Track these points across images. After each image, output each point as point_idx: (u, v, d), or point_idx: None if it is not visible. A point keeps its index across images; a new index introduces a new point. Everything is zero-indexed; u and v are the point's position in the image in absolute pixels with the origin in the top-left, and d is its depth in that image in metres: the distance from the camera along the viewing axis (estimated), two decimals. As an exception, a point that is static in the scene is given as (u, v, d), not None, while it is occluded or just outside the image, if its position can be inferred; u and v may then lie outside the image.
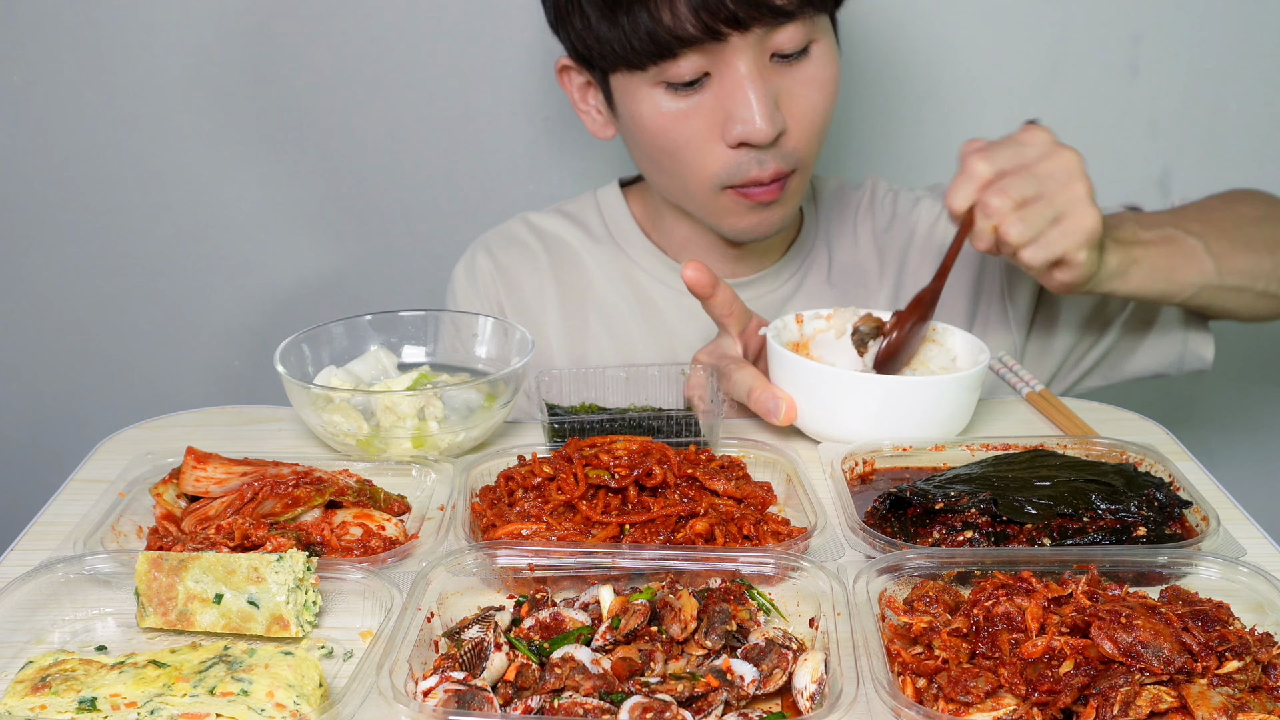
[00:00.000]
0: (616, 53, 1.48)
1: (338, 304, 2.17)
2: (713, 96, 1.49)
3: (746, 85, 1.46)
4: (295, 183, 2.15)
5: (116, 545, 1.19)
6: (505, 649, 0.98)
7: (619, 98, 1.56)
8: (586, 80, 1.64)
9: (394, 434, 1.35)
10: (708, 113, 1.50)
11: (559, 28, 1.58)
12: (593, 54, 1.53)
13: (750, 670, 0.96)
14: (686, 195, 1.61)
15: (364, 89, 2.08)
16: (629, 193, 1.84)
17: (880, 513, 1.22)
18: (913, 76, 2.07)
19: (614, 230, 1.81)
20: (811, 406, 1.39)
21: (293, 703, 0.92)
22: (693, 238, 1.74)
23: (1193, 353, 1.72)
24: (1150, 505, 1.17)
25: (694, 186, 1.57)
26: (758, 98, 1.46)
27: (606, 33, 1.47)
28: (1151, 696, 0.89)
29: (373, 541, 1.18)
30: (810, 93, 1.52)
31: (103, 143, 2.12)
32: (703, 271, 1.40)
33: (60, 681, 0.94)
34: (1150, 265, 1.49)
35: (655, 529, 1.17)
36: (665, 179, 1.61)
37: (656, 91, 1.51)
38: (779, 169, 1.53)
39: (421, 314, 1.60)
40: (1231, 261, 1.53)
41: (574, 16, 1.51)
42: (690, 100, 1.50)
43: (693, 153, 1.53)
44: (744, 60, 1.46)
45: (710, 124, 1.50)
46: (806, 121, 1.53)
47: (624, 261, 1.79)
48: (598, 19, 1.47)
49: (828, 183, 1.86)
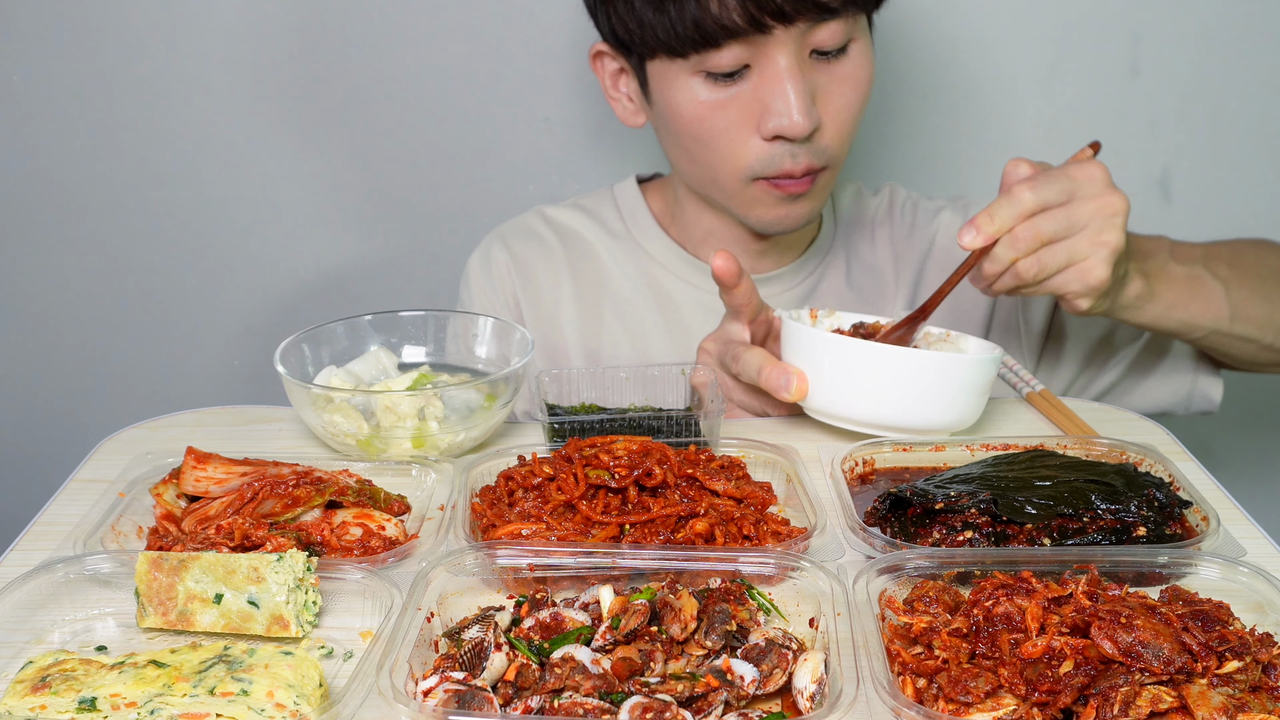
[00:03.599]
0: (659, 39, 1.48)
1: (338, 304, 2.17)
2: (751, 88, 1.50)
3: (785, 80, 1.47)
4: (295, 183, 2.15)
5: (116, 545, 1.19)
6: (505, 649, 0.98)
7: (655, 85, 1.57)
8: (620, 67, 1.64)
9: (394, 434, 1.35)
10: (745, 104, 1.51)
11: (598, 10, 1.58)
12: (633, 39, 1.53)
13: (750, 670, 0.96)
14: (716, 185, 1.61)
15: (364, 89, 2.08)
16: (646, 189, 1.85)
17: (880, 513, 1.22)
18: (913, 76, 2.07)
19: (631, 226, 1.81)
20: (822, 380, 1.38)
21: (293, 703, 0.92)
22: (715, 231, 1.74)
23: (1201, 393, 1.72)
24: (1150, 505, 1.17)
25: (725, 176, 1.58)
26: (796, 93, 1.47)
27: (651, 18, 1.48)
28: (1151, 696, 0.89)
29: (373, 541, 1.18)
30: (846, 91, 1.54)
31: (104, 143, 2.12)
32: (731, 261, 1.39)
33: (60, 681, 0.94)
34: (1168, 301, 1.49)
35: (655, 529, 1.17)
36: (695, 168, 1.62)
37: (695, 80, 1.51)
38: (811, 164, 1.54)
39: (421, 314, 1.60)
40: (1248, 310, 1.54)
41: (618, 1, 1.51)
42: (728, 91, 1.51)
43: (726, 143, 1.54)
44: (784, 54, 1.47)
45: (746, 115, 1.51)
46: (841, 119, 1.54)
47: (641, 256, 1.80)
48: (643, 4, 1.48)
49: (845, 187, 1.86)
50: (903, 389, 1.34)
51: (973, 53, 2.06)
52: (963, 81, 2.07)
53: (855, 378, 1.35)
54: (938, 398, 1.35)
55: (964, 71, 2.07)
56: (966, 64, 2.06)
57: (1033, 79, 2.07)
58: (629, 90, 1.66)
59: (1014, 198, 1.35)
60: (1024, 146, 2.09)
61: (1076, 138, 2.09)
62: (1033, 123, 2.09)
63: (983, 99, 2.08)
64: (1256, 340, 1.57)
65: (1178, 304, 1.50)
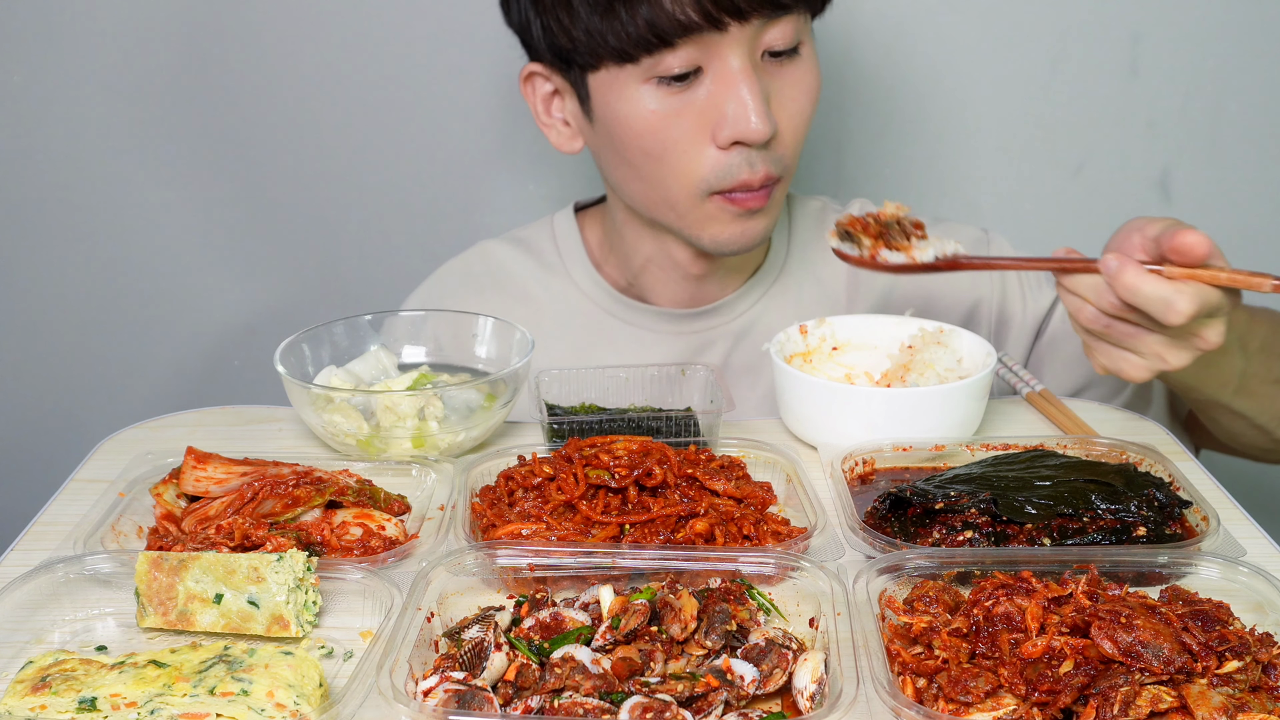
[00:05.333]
0: (608, 45, 1.42)
1: (338, 304, 2.17)
2: (705, 95, 1.45)
3: (741, 82, 1.43)
4: (295, 182, 2.15)
5: (116, 545, 1.19)
6: (505, 649, 0.98)
7: (600, 98, 1.50)
8: (554, 89, 1.57)
9: (394, 434, 1.35)
10: (699, 112, 1.46)
11: (530, 27, 1.51)
12: (577, 49, 1.46)
13: (750, 670, 0.96)
14: (667, 204, 1.53)
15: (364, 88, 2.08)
16: (586, 217, 1.78)
17: (880, 513, 1.22)
18: (913, 76, 2.07)
19: (566, 259, 1.75)
20: (818, 420, 1.39)
21: (293, 703, 0.92)
22: (655, 258, 1.66)
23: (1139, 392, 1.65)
24: (1150, 505, 1.17)
25: (678, 192, 1.51)
26: (752, 94, 1.43)
27: (598, 24, 1.42)
28: (1151, 696, 0.89)
29: (373, 541, 1.18)
30: (799, 95, 1.50)
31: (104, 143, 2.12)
32: None
33: (60, 681, 0.94)
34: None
35: (655, 529, 1.17)
36: (644, 186, 1.54)
37: (645, 89, 1.45)
38: (769, 172, 1.49)
39: (421, 314, 1.60)
40: (1253, 388, 1.46)
41: (558, 10, 1.45)
42: (680, 99, 1.46)
43: (680, 154, 1.48)
44: (738, 55, 1.43)
45: (701, 124, 1.46)
46: (795, 125, 1.50)
47: (573, 292, 1.74)
48: (589, 11, 1.42)
49: (808, 204, 1.79)
50: (905, 423, 1.35)
51: (973, 53, 2.06)
52: (963, 82, 2.07)
53: (852, 417, 1.36)
54: (939, 423, 1.36)
55: (964, 72, 2.07)
56: (966, 64, 2.06)
57: (1033, 79, 2.07)
58: (565, 113, 1.59)
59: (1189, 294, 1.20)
60: (1024, 146, 2.09)
61: (1076, 138, 2.09)
62: (1033, 123, 2.09)
63: (983, 99, 2.08)
64: (1250, 419, 1.50)
65: (1190, 370, 1.35)
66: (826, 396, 1.37)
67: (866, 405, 1.36)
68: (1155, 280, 1.21)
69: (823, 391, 1.38)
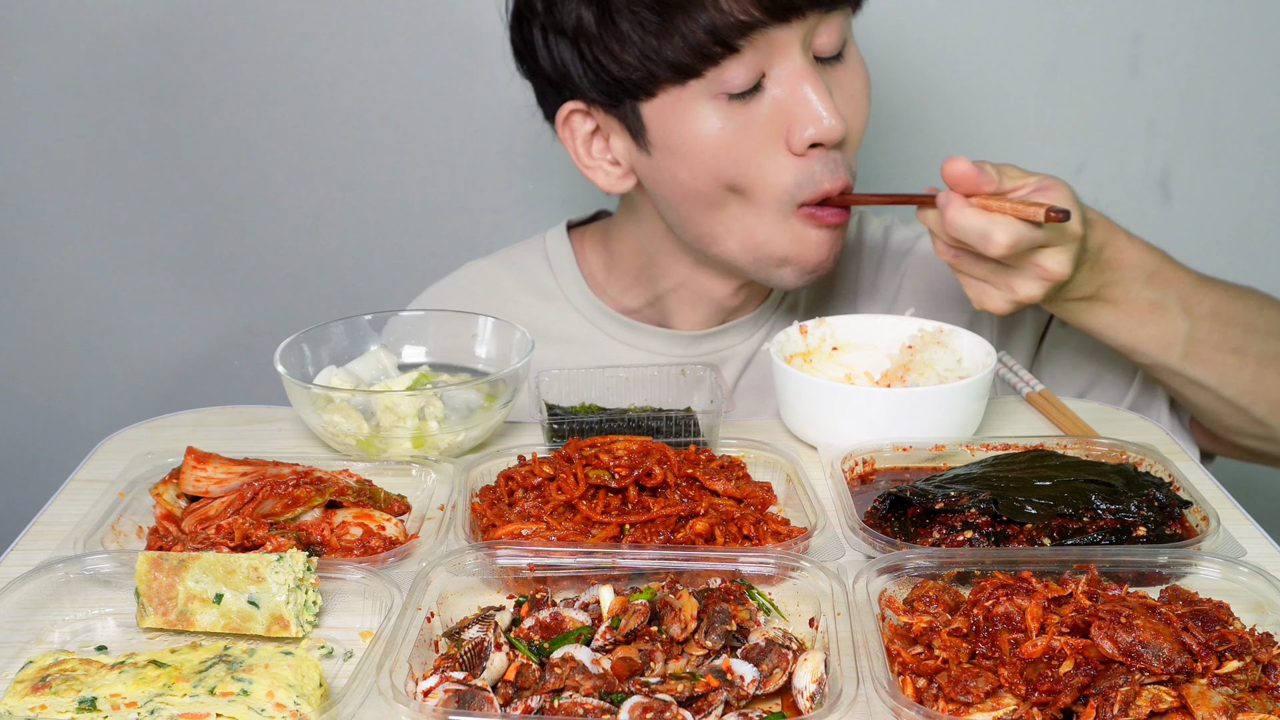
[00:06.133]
0: (667, 62, 1.39)
1: (338, 304, 2.17)
2: (771, 103, 1.43)
3: (806, 80, 1.41)
4: (296, 182, 2.15)
5: (116, 545, 1.19)
6: (505, 649, 0.98)
7: (659, 127, 1.45)
8: (595, 126, 1.53)
9: (394, 434, 1.35)
10: (768, 120, 1.43)
11: (570, 66, 1.46)
12: (630, 77, 1.42)
13: (750, 670, 0.96)
14: (749, 239, 1.49)
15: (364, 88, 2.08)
16: (582, 234, 1.75)
17: (880, 513, 1.22)
18: (913, 76, 2.07)
19: (561, 280, 1.72)
20: (818, 420, 1.39)
21: (293, 703, 0.92)
22: (688, 283, 1.63)
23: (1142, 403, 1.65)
24: (1150, 505, 1.17)
25: (766, 213, 1.47)
26: (818, 91, 1.41)
27: (654, 44, 1.38)
28: (1151, 696, 0.89)
29: (373, 541, 1.18)
30: (856, 94, 1.49)
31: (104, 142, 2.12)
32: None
33: (60, 681, 0.94)
34: (1113, 318, 1.45)
35: (655, 529, 1.17)
36: (725, 220, 1.49)
37: (710, 107, 1.42)
38: (847, 180, 1.47)
39: (421, 314, 1.60)
40: (1205, 355, 1.47)
41: (606, 40, 1.41)
42: (747, 111, 1.42)
43: (758, 168, 1.44)
44: (799, 55, 1.41)
45: (772, 132, 1.43)
46: (856, 125, 1.49)
47: (570, 314, 1.71)
48: (644, 33, 1.38)
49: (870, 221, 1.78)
50: (905, 423, 1.35)
51: (972, 53, 2.06)
52: (963, 81, 2.07)
53: (852, 417, 1.36)
54: (939, 423, 1.36)
55: (964, 71, 2.07)
56: (966, 64, 2.06)
57: (1033, 79, 2.07)
58: (612, 152, 1.54)
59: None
60: (1024, 146, 2.09)
61: (1076, 138, 2.09)
62: (1032, 123, 2.09)
63: (983, 99, 2.08)
64: (1213, 391, 1.50)
65: (1123, 326, 1.45)
66: (826, 396, 1.37)
67: (866, 405, 1.36)
68: (974, 213, 1.32)
69: (823, 391, 1.38)
